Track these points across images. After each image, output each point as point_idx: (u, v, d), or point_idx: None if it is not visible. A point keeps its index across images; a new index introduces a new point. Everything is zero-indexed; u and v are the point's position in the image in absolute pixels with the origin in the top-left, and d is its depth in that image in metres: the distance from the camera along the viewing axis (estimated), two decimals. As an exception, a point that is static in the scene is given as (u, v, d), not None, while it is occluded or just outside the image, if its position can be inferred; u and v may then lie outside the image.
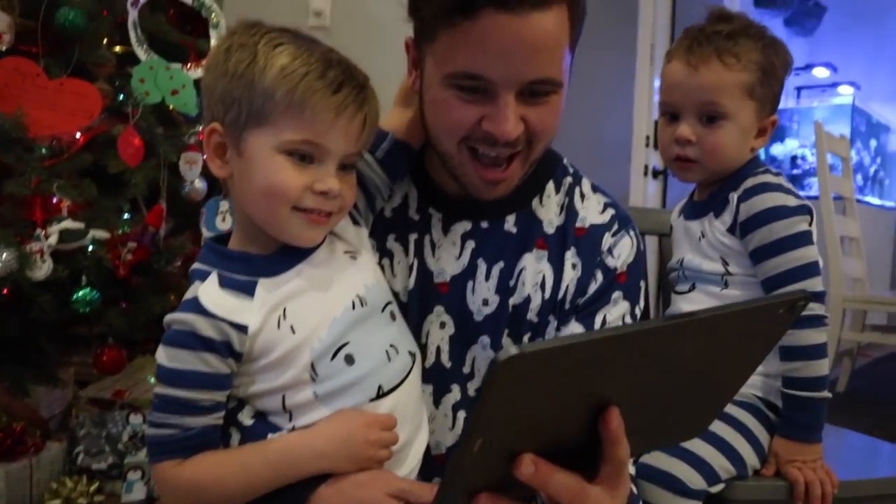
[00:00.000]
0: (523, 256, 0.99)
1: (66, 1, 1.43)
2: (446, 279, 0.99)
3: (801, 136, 4.28)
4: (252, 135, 0.78)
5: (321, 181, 0.78)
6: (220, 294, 0.78)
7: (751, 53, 1.03)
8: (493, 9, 0.80)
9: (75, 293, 1.35)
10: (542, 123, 0.88)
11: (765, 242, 1.02)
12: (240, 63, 0.77)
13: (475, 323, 0.98)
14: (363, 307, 0.83)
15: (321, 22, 2.43)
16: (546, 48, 0.84)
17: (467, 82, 0.85)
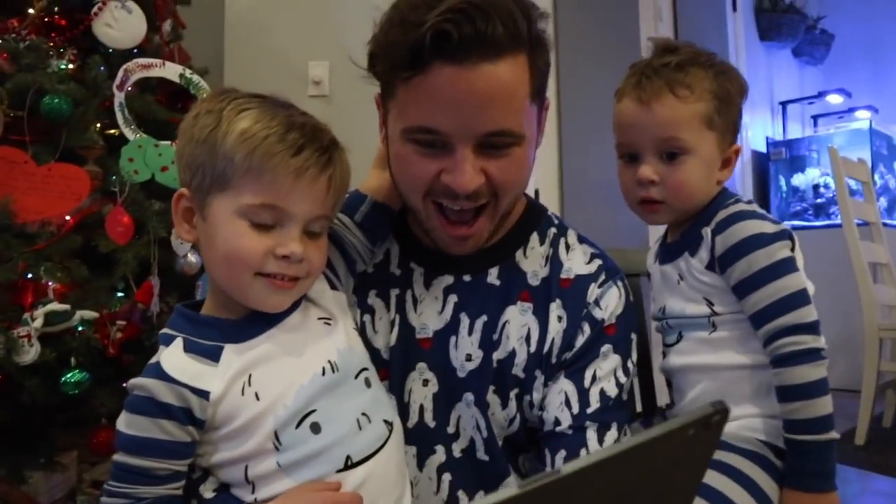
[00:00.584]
0: (507, 309, 0.96)
1: (51, 89, 1.46)
2: (429, 335, 0.97)
3: (822, 164, 4.18)
4: (215, 199, 0.78)
5: (283, 245, 0.77)
6: (183, 359, 0.77)
7: (703, 82, 0.98)
8: (443, 62, 0.80)
9: (63, 375, 1.34)
10: (504, 176, 0.87)
11: (746, 275, 0.95)
12: (204, 128, 0.78)
13: (459, 379, 0.95)
14: (334, 373, 0.81)
15: (320, 91, 2.47)
16: (500, 100, 0.83)
17: (423, 136, 0.85)
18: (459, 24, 0.78)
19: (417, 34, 0.79)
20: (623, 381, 0.95)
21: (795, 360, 0.92)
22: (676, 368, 1.03)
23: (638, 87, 1.00)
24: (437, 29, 0.78)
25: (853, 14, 4.89)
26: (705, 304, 0.99)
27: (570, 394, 0.93)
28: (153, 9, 1.76)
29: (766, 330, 0.94)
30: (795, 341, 0.92)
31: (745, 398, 0.99)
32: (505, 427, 0.95)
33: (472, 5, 0.78)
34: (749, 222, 0.96)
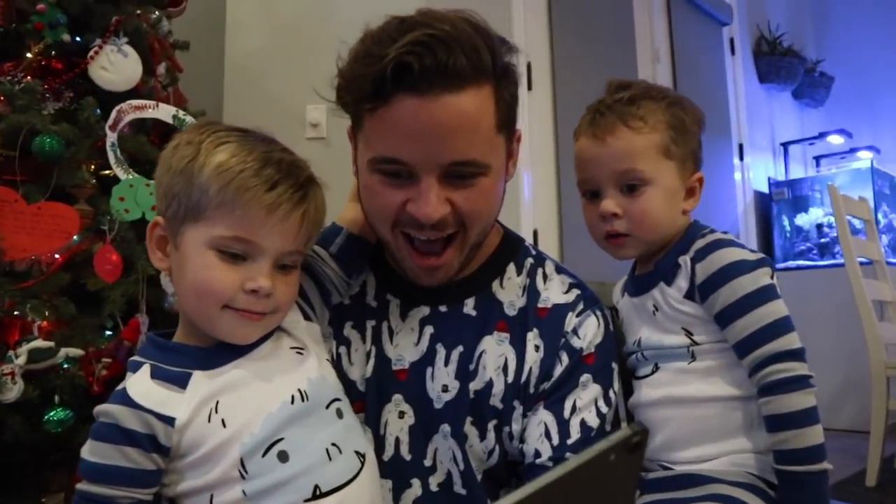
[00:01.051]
0: (483, 339, 0.96)
1: (44, 129, 1.49)
2: (405, 366, 0.96)
3: (825, 204, 4.16)
4: (188, 229, 0.78)
5: (252, 279, 0.78)
6: (150, 385, 0.76)
7: (656, 114, 0.98)
8: (405, 94, 0.81)
9: (46, 413, 1.32)
10: (471, 206, 0.87)
11: (730, 301, 0.92)
12: (182, 159, 0.78)
13: (435, 411, 0.94)
14: (304, 402, 0.80)
15: (318, 133, 2.50)
16: (463, 130, 0.83)
17: (388, 167, 0.85)
18: (421, 56, 0.79)
19: (380, 66, 0.80)
20: (605, 412, 0.93)
21: (786, 388, 0.89)
22: (648, 402, 0.98)
23: (592, 124, 1.00)
24: (399, 61, 0.79)
25: (851, 57, 4.94)
26: (684, 335, 0.96)
27: (550, 425, 0.91)
28: (149, 52, 1.80)
29: (752, 357, 0.91)
30: (784, 368, 0.89)
31: (729, 432, 0.96)
32: (484, 460, 0.94)
33: (434, 38, 0.79)
34: (730, 249, 0.95)
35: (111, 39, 1.68)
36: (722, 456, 0.94)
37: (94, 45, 1.66)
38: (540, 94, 2.78)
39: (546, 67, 2.84)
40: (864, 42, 4.93)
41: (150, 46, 1.81)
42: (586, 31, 3.05)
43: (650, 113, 0.98)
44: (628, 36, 3.34)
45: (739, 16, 4.27)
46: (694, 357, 0.96)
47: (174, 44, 2.00)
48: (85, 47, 1.67)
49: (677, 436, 0.96)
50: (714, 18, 4.02)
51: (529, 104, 2.68)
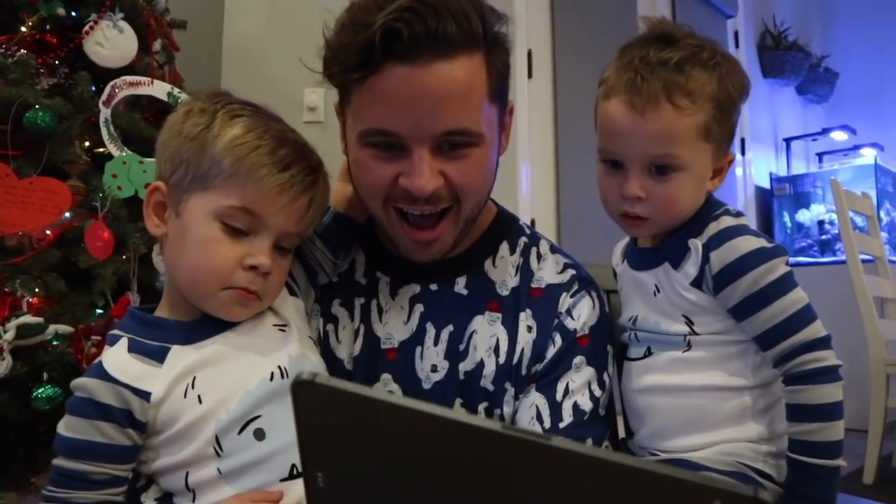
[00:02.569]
0: (474, 319, 0.93)
1: (36, 103, 1.46)
2: (394, 345, 0.94)
3: (827, 200, 4.14)
4: (193, 197, 0.77)
5: (252, 255, 0.76)
6: (127, 359, 0.75)
7: (705, 88, 0.86)
8: (394, 62, 0.78)
9: (35, 391, 1.31)
10: (465, 178, 0.85)
11: (751, 292, 0.86)
12: (195, 126, 0.77)
13: (424, 391, 0.92)
14: (283, 379, 0.78)
15: (315, 117, 2.48)
16: (455, 98, 0.80)
17: (379, 139, 0.83)
18: (410, 22, 0.76)
19: (367, 34, 0.76)
20: (598, 395, 0.92)
21: (818, 378, 0.85)
22: (639, 388, 0.95)
23: (632, 88, 0.87)
24: (387, 28, 0.76)
25: (857, 53, 4.90)
26: (684, 323, 0.92)
27: (542, 407, 0.89)
28: (145, 29, 1.77)
29: (781, 348, 0.86)
30: (817, 357, 0.85)
31: (720, 421, 0.92)
32: None
33: (423, 4, 0.76)
34: (746, 238, 0.89)
35: (107, 15, 1.66)
36: (713, 445, 0.91)
37: (90, 20, 1.65)
38: (540, 83, 2.75)
39: (547, 55, 2.81)
40: (871, 38, 4.89)
41: (146, 23, 1.79)
42: (588, 19, 3.03)
43: (699, 87, 0.87)
44: (631, 25, 3.31)
45: (745, 8, 4.23)
46: (689, 346, 0.92)
47: (171, 22, 1.98)
48: (80, 22, 1.65)
49: (667, 424, 0.93)
50: (719, 10, 3.99)
51: (529, 92, 2.66)
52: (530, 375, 0.92)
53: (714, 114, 0.88)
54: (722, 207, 0.94)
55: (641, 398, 0.95)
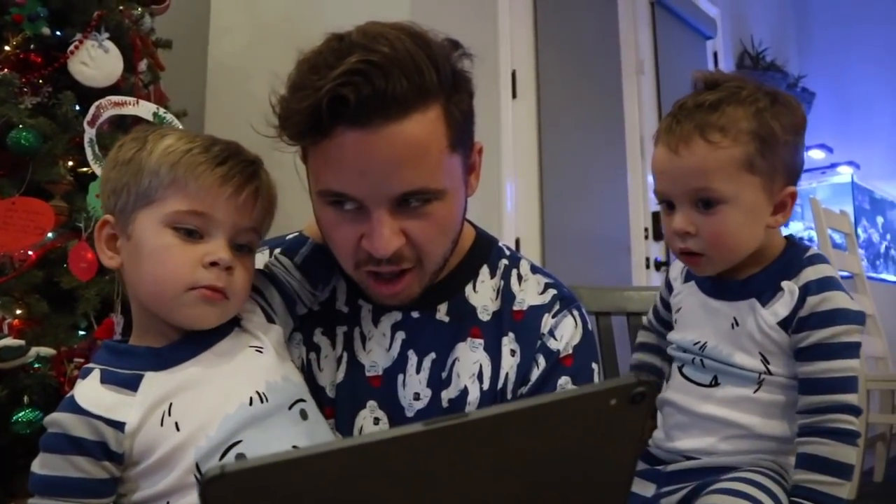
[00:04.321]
0: (456, 346, 0.93)
1: (20, 122, 1.45)
2: (378, 372, 0.93)
3: (806, 218, 4.21)
4: (140, 215, 0.77)
5: (211, 253, 0.76)
6: (99, 390, 0.73)
7: (740, 123, 0.88)
8: (345, 126, 0.75)
9: (15, 414, 1.29)
10: (426, 236, 0.83)
11: (825, 342, 0.89)
12: (129, 151, 0.79)
13: (407, 419, 0.92)
14: (263, 404, 0.76)
15: (301, 136, 2.48)
16: (410, 160, 0.77)
17: (338, 199, 0.81)
18: (357, 86, 0.73)
19: (315, 100, 0.73)
20: None
21: (844, 438, 0.88)
22: (701, 413, 0.97)
23: (669, 132, 0.92)
24: (334, 94, 0.73)
25: (833, 73, 5.00)
26: (760, 360, 0.94)
27: None
28: (130, 49, 1.77)
29: (821, 399, 0.90)
30: (848, 420, 0.89)
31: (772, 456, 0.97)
32: None
33: (371, 64, 0.73)
34: (843, 294, 0.92)
35: (92, 34, 1.65)
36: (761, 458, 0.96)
37: (75, 39, 1.64)
38: (524, 103, 2.78)
39: (531, 76, 2.83)
40: (846, 58, 5.00)
41: (132, 43, 1.78)
42: (571, 41, 3.06)
43: (732, 122, 0.89)
44: (613, 47, 3.36)
45: (723, 30, 4.30)
46: (760, 385, 0.94)
47: (157, 42, 1.98)
48: (65, 41, 1.64)
49: (719, 448, 0.96)
50: (698, 32, 4.06)
51: (514, 113, 2.68)
52: (516, 399, 0.91)
53: (756, 146, 0.89)
54: (814, 251, 0.97)
55: (700, 420, 0.97)
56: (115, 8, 1.73)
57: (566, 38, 3.03)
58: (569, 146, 2.93)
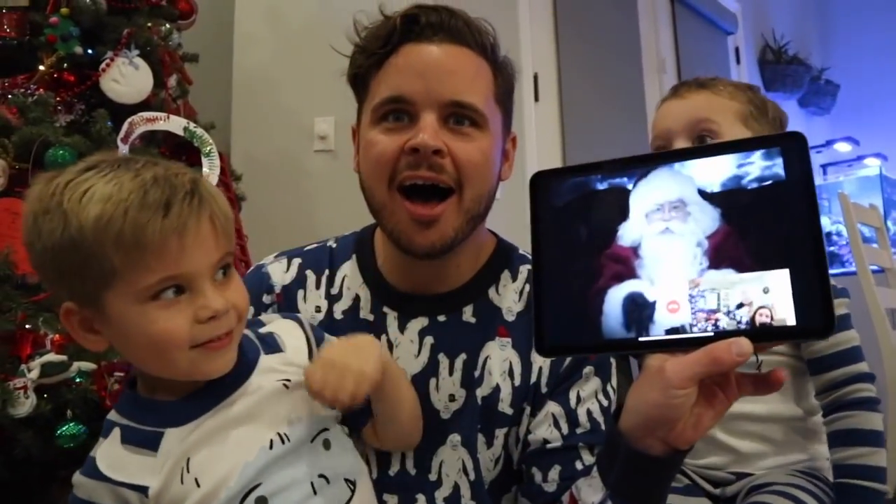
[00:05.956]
0: (486, 345, 0.94)
1: (56, 141, 1.48)
2: (408, 379, 0.94)
3: (834, 212, 4.15)
4: (107, 299, 0.68)
5: (203, 308, 0.69)
6: (120, 453, 0.72)
7: (737, 90, 1.03)
8: (412, 42, 0.88)
9: (59, 429, 1.31)
10: (467, 156, 0.88)
11: None
12: (52, 233, 0.66)
13: (443, 422, 0.93)
14: (284, 444, 0.74)
15: (326, 145, 2.49)
16: (463, 73, 0.88)
17: (391, 107, 0.88)
18: (427, 12, 0.88)
19: (390, 22, 0.89)
20: (606, 405, 0.93)
21: (867, 406, 0.93)
22: None
23: (674, 91, 1.06)
24: (407, 14, 0.88)
25: (856, 64, 4.94)
26: None
27: (559, 415, 0.91)
28: (160, 65, 1.80)
29: (837, 373, 0.94)
30: (867, 388, 0.94)
31: (797, 446, 1.00)
32: (490, 469, 0.93)
33: (439, 6, 0.89)
34: None
35: (123, 52, 1.69)
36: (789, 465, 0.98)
37: (106, 57, 1.67)
38: (547, 105, 2.78)
39: (553, 79, 2.84)
40: (869, 49, 4.93)
41: (161, 59, 1.81)
42: (592, 42, 3.06)
43: (730, 86, 1.03)
44: (634, 46, 3.34)
45: (744, 25, 4.27)
46: (759, 369, 0.95)
47: (184, 56, 2.01)
48: (97, 60, 1.68)
49: (743, 450, 0.98)
50: (719, 28, 4.03)
51: (537, 115, 2.68)
52: (549, 391, 0.93)
53: (750, 109, 1.00)
54: None
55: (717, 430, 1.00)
56: (144, 25, 1.76)
57: (587, 39, 3.02)
58: (592, 147, 2.92)
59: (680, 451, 0.64)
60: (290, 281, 0.99)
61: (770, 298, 0.56)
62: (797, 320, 0.55)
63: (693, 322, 0.59)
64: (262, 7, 2.61)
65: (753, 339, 0.57)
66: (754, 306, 0.57)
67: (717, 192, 0.61)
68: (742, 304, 0.58)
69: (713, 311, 0.59)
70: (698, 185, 0.62)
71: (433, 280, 0.95)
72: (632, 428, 0.65)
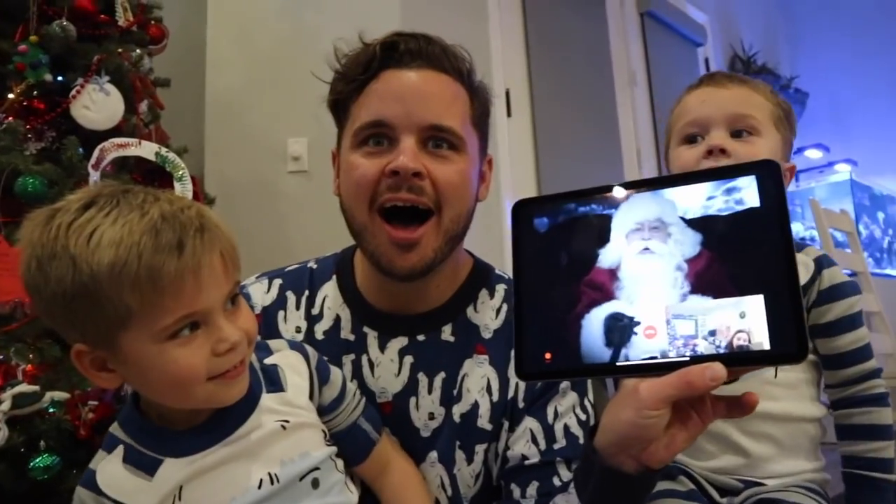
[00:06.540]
0: (464, 363, 0.96)
1: (26, 169, 1.47)
2: (389, 398, 0.96)
3: (806, 218, 4.22)
4: (123, 340, 0.68)
5: (220, 341, 0.70)
6: (120, 472, 0.74)
7: (771, 92, 1.03)
8: (392, 68, 0.91)
9: (32, 461, 1.29)
10: (446, 178, 0.89)
11: (846, 315, 0.97)
12: (62, 280, 0.65)
13: (423, 440, 0.94)
14: (273, 485, 0.75)
15: (299, 166, 2.49)
16: (441, 97, 0.90)
17: (371, 131, 0.89)
18: (406, 39, 0.91)
19: (370, 50, 0.91)
20: (583, 419, 0.94)
21: (883, 401, 0.96)
22: None
23: (710, 78, 1.04)
24: (386, 41, 0.91)
25: (825, 72, 5.03)
26: None
27: (536, 431, 0.92)
28: (131, 90, 1.79)
29: (855, 370, 0.96)
30: (881, 384, 0.96)
31: (803, 451, 1.00)
32: (470, 485, 0.94)
33: (416, 34, 0.92)
34: (840, 268, 1.00)
35: (93, 78, 1.68)
36: (798, 474, 0.99)
37: (76, 84, 1.66)
38: (519, 121, 2.80)
39: (524, 94, 2.86)
40: (837, 56, 5.03)
41: (132, 84, 1.80)
42: (563, 56, 3.09)
43: (766, 86, 1.04)
44: (604, 59, 3.39)
45: (713, 36, 4.34)
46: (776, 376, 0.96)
47: (156, 81, 2.00)
48: (67, 87, 1.66)
49: (755, 452, 0.99)
50: (688, 40, 4.09)
51: (509, 131, 2.70)
52: (526, 407, 0.94)
53: (780, 113, 1.02)
54: None
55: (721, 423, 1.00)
56: (115, 51, 1.75)
57: (557, 53, 3.06)
58: (565, 161, 2.95)
59: (654, 470, 0.65)
60: (271, 302, 1.00)
61: (747, 323, 0.57)
62: (772, 345, 0.56)
63: (670, 347, 0.60)
64: (234, 30, 2.62)
65: (728, 364, 0.57)
66: (732, 330, 0.58)
67: (696, 217, 0.62)
68: (719, 330, 0.59)
69: (691, 337, 0.60)
70: (679, 211, 0.63)
71: (413, 300, 0.96)
72: (606, 445, 0.66)
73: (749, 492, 0.98)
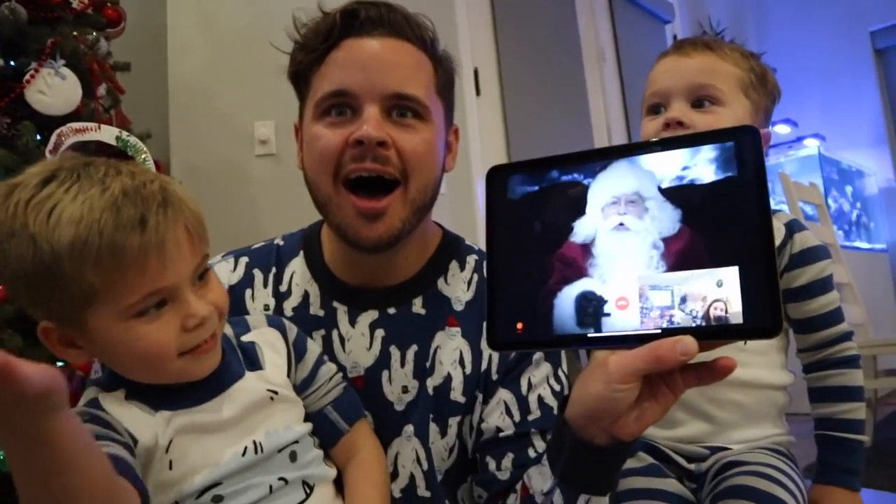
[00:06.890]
0: (436, 335, 0.95)
1: (-21, 154, 1.43)
2: (361, 373, 0.94)
3: (776, 192, 4.25)
4: (91, 318, 0.66)
5: (189, 317, 0.70)
6: (123, 404, 0.72)
7: (740, 57, 1.00)
8: (353, 37, 0.89)
9: (-5, 452, 1.26)
10: (411, 146, 0.88)
11: (817, 278, 0.97)
12: (22, 259, 0.63)
13: (397, 413, 0.93)
14: (256, 454, 0.75)
15: (267, 150, 2.46)
16: (404, 65, 0.89)
17: (333, 101, 0.88)
18: (366, 7, 0.89)
19: (330, 18, 0.89)
20: (557, 390, 0.94)
21: (855, 363, 0.97)
22: None
23: (677, 46, 1.03)
24: (346, 9, 0.89)
25: (792, 48, 5.07)
26: None
27: (510, 402, 0.91)
28: (89, 74, 1.75)
29: (826, 334, 0.97)
30: (852, 346, 0.98)
31: (769, 418, 1.00)
32: (445, 458, 0.93)
33: (379, 1, 0.90)
34: (811, 232, 0.99)
35: (48, 62, 1.63)
36: (764, 439, 0.99)
37: (30, 68, 1.61)
38: (488, 99, 2.79)
39: (493, 72, 2.85)
40: (805, 32, 5.07)
41: (90, 68, 1.76)
42: (531, 34, 3.08)
43: (734, 52, 1.01)
44: (573, 38, 3.38)
45: (681, 13, 4.36)
46: None
47: (115, 65, 1.96)
48: (20, 71, 1.62)
49: (722, 419, 0.99)
50: (656, 17, 4.10)
51: (479, 109, 2.69)
52: (499, 378, 0.93)
53: (751, 78, 0.99)
54: None
55: None
56: (69, 34, 1.71)
57: (526, 32, 3.04)
58: (535, 139, 2.95)
59: (625, 443, 0.65)
60: (237, 280, 0.99)
61: (724, 292, 0.56)
62: (745, 319, 0.55)
63: (643, 318, 0.59)
64: (195, 13, 2.56)
65: (700, 337, 0.56)
66: (708, 300, 0.57)
67: (674, 187, 0.61)
68: (695, 299, 0.57)
69: (667, 308, 0.58)
70: (658, 180, 0.61)
71: (382, 273, 0.95)
72: (576, 417, 0.66)
73: (715, 457, 0.98)
